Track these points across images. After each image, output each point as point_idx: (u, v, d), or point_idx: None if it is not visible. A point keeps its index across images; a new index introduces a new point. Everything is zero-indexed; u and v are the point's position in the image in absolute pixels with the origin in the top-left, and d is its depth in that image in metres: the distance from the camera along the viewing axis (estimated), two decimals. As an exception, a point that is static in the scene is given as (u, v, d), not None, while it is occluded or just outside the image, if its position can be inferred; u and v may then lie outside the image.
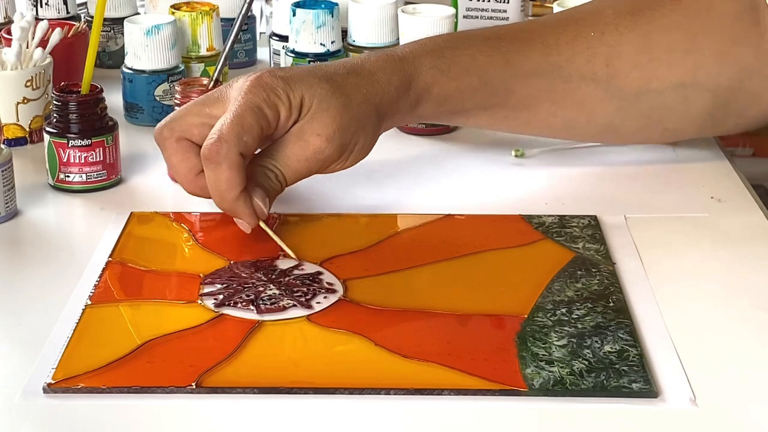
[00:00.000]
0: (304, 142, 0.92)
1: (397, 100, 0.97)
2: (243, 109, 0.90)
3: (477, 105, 1.01)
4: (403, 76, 0.97)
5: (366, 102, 0.94)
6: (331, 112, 0.92)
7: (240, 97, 0.91)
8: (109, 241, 0.94)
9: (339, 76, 0.94)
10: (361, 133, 0.94)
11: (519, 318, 0.83)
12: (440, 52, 0.99)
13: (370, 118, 0.95)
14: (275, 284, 0.87)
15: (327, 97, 0.92)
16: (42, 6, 1.32)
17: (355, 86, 0.94)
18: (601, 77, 1.01)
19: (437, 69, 0.98)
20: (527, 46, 1.01)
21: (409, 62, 0.98)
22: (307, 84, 0.92)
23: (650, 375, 0.77)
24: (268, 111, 0.90)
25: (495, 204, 1.02)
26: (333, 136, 0.92)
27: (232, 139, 0.89)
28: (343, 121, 0.92)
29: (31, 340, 0.81)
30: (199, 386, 0.75)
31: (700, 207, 1.01)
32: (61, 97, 1.02)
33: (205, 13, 1.23)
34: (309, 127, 0.92)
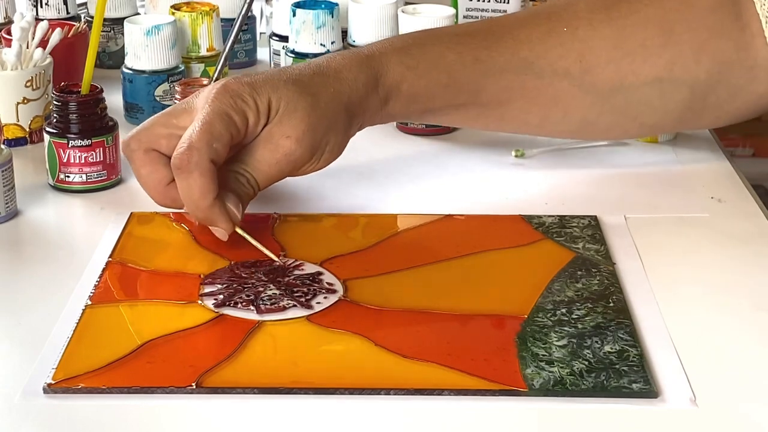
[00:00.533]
0: (274, 145, 0.91)
1: (366, 98, 0.96)
2: (211, 117, 0.89)
3: (448, 103, 1.00)
4: (370, 73, 0.96)
5: (334, 100, 0.93)
6: (299, 113, 0.91)
7: (207, 104, 0.90)
8: (109, 241, 0.94)
9: (305, 77, 0.94)
10: (331, 132, 0.93)
11: (519, 318, 0.83)
12: (407, 50, 0.98)
13: (340, 115, 0.94)
14: (275, 284, 0.87)
15: (294, 98, 0.92)
16: (42, 6, 1.32)
17: (322, 85, 0.94)
18: (574, 73, 1.00)
19: (405, 66, 0.97)
20: (497, 42, 0.99)
21: (376, 59, 0.97)
22: (273, 87, 0.92)
23: (650, 375, 0.77)
24: (236, 117, 0.90)
25: (495, 204, 1.02)
26: (302, 137, 0.91)
27: (202, 147, 0.88)
28: (312, 120, 0.92)
29: (31, 340, 0.81)
30: (199, 386, 0.75)
31: (700, 207, 1.01)
32: (61, 98, 1.02)
33: (205, 14, 1.23)
34: (278, 129, 0.91)
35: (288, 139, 0.91)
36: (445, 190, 1.04)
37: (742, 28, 0.99)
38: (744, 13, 0.99)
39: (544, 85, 1.00)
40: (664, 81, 1.00)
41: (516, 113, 1.02)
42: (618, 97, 1.01)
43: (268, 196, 1.02)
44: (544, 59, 0.99)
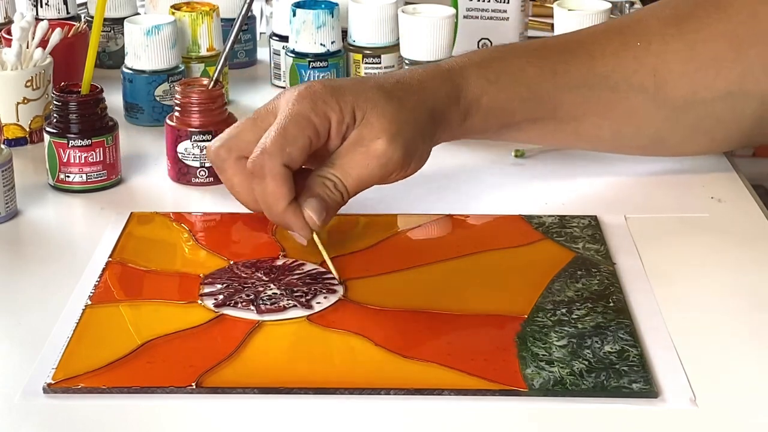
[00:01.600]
0: (365, 148, 0.89)
1: (449, 109, 0.95)
2: (287, 120, 0.88)
3: (526, 117, 0.99)
4: (452, 86, 0.95)
5: (419, 106, 0.92)
6: (388, 115, 0.90)
7: (287, 107, 0.89)
8: (109, 241, 0.94)
9: (388, 84, 0.93)
10: (419, 138, 0.92)
11: (519, 318, 0.83)
12: (488, 63, 0.97)
13: (426, 122, 0.93)
14: (275, 284, 0.87)
15: (380, 101, 0.90)
16: (42, 6, 1.32)
17: (406, 92, 0.93)
18: (648, 87, 1.00)
19: (486, 79, 0.96)
20: (574, 57, 0.99)
21: (457, 72, 0.96)
22: (356, 90, 0.90)
23: (650, 375, 0.77)
24: (316, 119, 0.88)
25: (495, 204, 1.02)
26: (395, 137, 0.90)
27: (275, 151, 0.87)
28: (401, 123, 0.90)
29: (31, 340, 0.81)
30: (199, 386, 0.75)
31: (700, 207, 1.01)
32: (61, 97, 1.02)
33: (205, 13, 1.23)
34: (368, 132, 0.90)
35: (380, 140, 0.89)
36: (445, 190, 1.04)
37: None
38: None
39: (619, 100, 1.00)
40: (735, 95, 1.00)
41: (590, 128, 1.01)
42: (690, 112, 1.00)
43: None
44: (620, 74, 0.99)
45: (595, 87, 0.99)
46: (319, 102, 0.89)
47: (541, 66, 0.98)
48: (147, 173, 1.08)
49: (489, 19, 1.31)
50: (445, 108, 0.94)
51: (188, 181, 1.05)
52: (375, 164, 0.90)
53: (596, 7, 1.16)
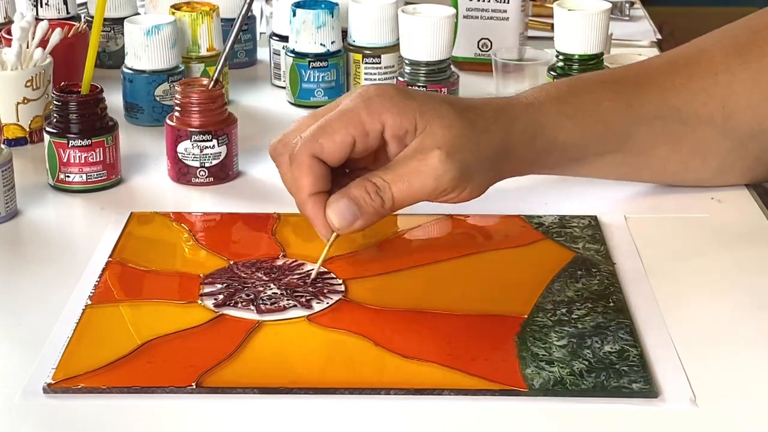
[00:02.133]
0: (422, 156, 0.85)
1: (522, 145, 0.91)
2: (334, 113, 0.86)
3: (596, 151, 0.97)
4: (529, 122, 0.92)
5: (490, 134, 0.89)
6: (453, 130, 0.86)
7: (343, 101, 0.87)
8: (109, 241, 0.94)
9: (460, 105, 0.89)
10: (482, 164, 0.88)
11: (519, 318, 0.83)
12: (564, 98, 0.95)
13: (494, 152, 0.89)
14: (275, 284, 0.87)
15: (449, 114, 0.87)
16: (42, 6, 1.32)
17: (479, 117, 0.89)
18: (717, 119, 0.98)
19: (564, 115, 0.94)
20: (646, 89, 0.98)
21: (536, 108, 0.93)
22: (425, 98, 0.88)
23: (650, 375, 0.77)
24: (366, 118, 0.85)
25: (495, 204, 1.01)
26: (455, 152, 0.85)
27: (307, 140, 0.85)
28: (466, 142, 0.86)
29: (31, 340, 0.81)
30: (199, 386, 0.75)
31: (700, 207, 1.01)
32: (61, 97, 1.02)
33: (205, 13, 1.23)
34: (429, 141, 0.85)
35: (438, 151, 0.85)
36: (445, 190, 1.04)
37: None
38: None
39: (689, 132, 0.98)
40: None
41: (658, 161, 1.00)
42: (755, 142, 0.99)
43: (269, 196, 1.02)
44: (690, 106, 0.98)
45: (668, 119, 0.98)
46: (376, 102, 0.86)
47: (616, 99, 0.96)
48: (147, 173, 1.08)
49: (489, 19, 1.31)
50: (519, 144, 0.91)
51: (188, 181, 1.05)
52: (428, 175, 0.85)
53: (596, 7, 1.16)
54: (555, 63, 1.18)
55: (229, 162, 1.06)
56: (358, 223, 0.86)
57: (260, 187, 1.05)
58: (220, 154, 1.05)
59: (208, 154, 1.04)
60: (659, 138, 0.98)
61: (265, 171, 1.08)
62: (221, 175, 1.05)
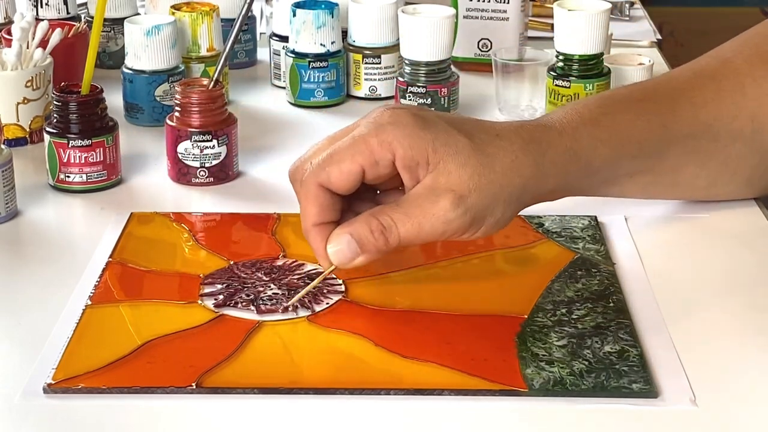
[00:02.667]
0: (435, 197, 0.81)
1: (554, 175, 0.86)
2: (346, 141, 0.82)
3: (627, 172, 0.93)
4: (562, 149, 0.86)
5: (514, 171, 0.83)
6: (469, 169, 0.81)
7: (357, 127, 0.83)
8: (109, 241, 0.94)
9: (484, 135, 0.83)
10: (500, 204, 0.83)
11: (519, 318, 0.83)
12: (597, 120, 0.89)
13: (516, 190, 0.83)
14: (276, 284, 0.87)
15: (465, 151, 0.81)
16: (42, 6, 1.32)
17: (503, 149, 0.83)
18: (746, 134, 0.95)
19: (598, 140, 0.89)
20: (678, 107, 0.94)
21: (569, 135, 0.87)
22: (441, 131, 0.82)
23: (650, 375, 0.77)
24: (376, 147, 0.81)
25: (495, 204, 1.01)
26: (468, 196, 0.81)
27: (314, 168, 0.82)
28: (483, 183, 0.81)
29: (31, 340, 0.81)
30: (199, 386, 0.75)
31: (700, 207, 1.01)
32: (61, 98, 1.02)
33: (205, 14, 1.23)
34: (444, 180, 0.81)
35: (452, 192, 0.81)
36: (445, 190, 1.04)
37: None
38: None
39: (719, 148, 0.95)
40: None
41: (687, 178, 0.97)
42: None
43: (269, 196, 1.02)
44: (720, 121, 0.95)
45: (699, 137, 0.94)
46: (389, 131, 0.81)
47: (650, 120, 0.92)
48: (147, 173, 1.08)
49: (489, 19, 1.31)
50: (550, 174, 0.86)
51: (188, 181, 1.05)
52: (438, 219, 0.81)
53: (596, 8, 1.16)
54: (555, 63, 1.18)
55: (229, 162, 1.06)
56: (359, 260, 0.83)
57: (260, 188, 1.05)
58: (220, 155, 1.05)
59: (208, 154, 1.04)
60: (689, 156, 0.95)
61: (265, 171, 1.08)
62: (221, 175, 1.05)
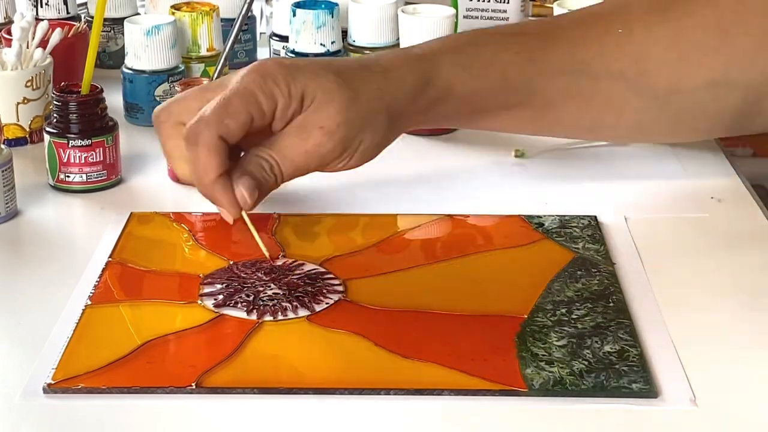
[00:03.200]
0: (306, 134, 0.88)
1: (414, 99, 0.92)
2: (232, 93, 0.87)
3: (500, 104, 0.96)
4: (420, 74, 0.92)
5: (376, 99, 0.90)
6: (336, 104, 0.88)
7: (236, 81, 0.88)
8: (109, 241, 0.94)
9: (349, 70, 0.90)
10: (368, 131, 0.90)
11: (519, 318, 0.83)
12: (462, 49, 0.95)
13: (380, 115, 0.90)
14: (276, 283, 0.87)
15: (332, 89, 0.88)
16: (42, 6, 1.32)
17: (366, 81, 0.90)
18: (630, 76, 0.97)
19: (459, 66, 0.93)
20: (554, 43, 0.97)
21: (428, 59, 0.93)
22: (311, 74, 0.88)
23: (650, 375, 0.77)
24: (262, 97, 0.87)
25: (495, 204, 1.02)
26: (336, 129, 0.88)
27: (212, 121, 0.86)
28: (349, 115, 0.88)
29: (31, 340, 0.81)
30: (199, 386, 0.75)
31: (700, 207, 1.01)
32: (61, 97, 1.02)
33: (205, 14, 1.23)
34: (312, 118, 0.88)
35: (320, 129, 0.88)
36: (445, 190, 1.04)
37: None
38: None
39: (599, 88, 0.97)
40: (720, 84, 0.97)
41: (569, 116, 0.99)
42: (673, 101, 0.98)
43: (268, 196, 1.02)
44: (600, 61, 0.97)
45: (575, 74, 0.97)
46: (269, 81, 0.87)
47: (518, 52, 0.96)
48: (147, 173, 1.08)
49: (489, 19, 1.31)
50: (410, 98, 0.92)
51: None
52: (313, 153, 0.88)
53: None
54: (555, 63, 1.18)
55: (229, 162, 1.06)
56: (260, 199, 0.89)
57: (260, 187, 1.05)
58: (220, 154, 1.05)
59: (208, 154, 1.04)
60: (568, 93, 0.97)
61: (265, 171, 1.08)
62: (221, 175, 1.05)
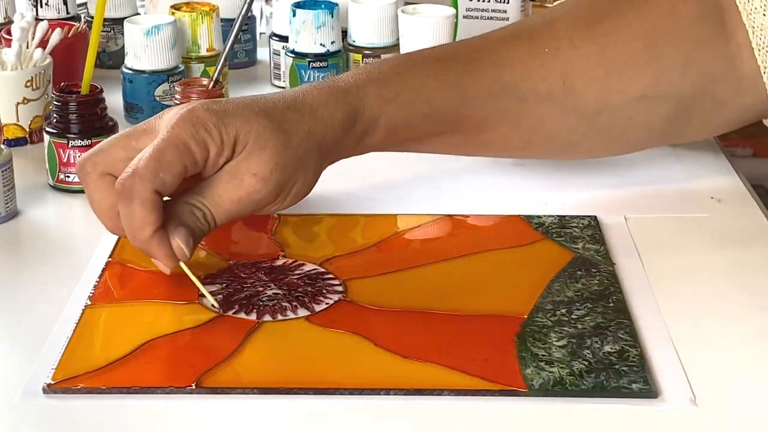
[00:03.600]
0: (238, 181, 0.85)
1: (343, 136, 0.90)
2: (165, 144, 0.83)
3: (428, 132, 0.95)
4: (347, 110, 0.90)
5: (307, 139, 0.88)
6: (269, 150, 0.86)
7: (166, 131, 0.84)
8: (109, 241, 0.94)
9: (278, 111, 0.88)
10: (300, 172, 0.88)
11: (519, 318, 0.83)
12: (386, 80, 0.93)
13: (312, 156, 0.89)
14: (276, 283, 0.87)
15: (265, 134, 0.86)
16: (42, 6, 1.32)
17: (296, 123, 0.88)
18: (557, 95, 0.96)
19: (383, 98, 0.92)
20: (479, 67, 0.95)
21: (353, 94, 0.91)
22: (242, 119, 0.86)
23: (650, 375, 0.77)
24: (195, 148, 0.84)
25: (495, 204, 1.02)
26: (270, 176, 0.86)
27: (147, 175, 0.82)
28: (282, 160, 0.86)
29: (31, 340, 0.81)
30: (199, 386, 0.75)
31: (700, 207, 1.01)
32: (61, 98, 1.02)
33: (205, 14, 1.23)
34: (244, 165, 0.85)
35: (254, 176, 0.85)
36: (445, 190, 1.04)
37: (727, 39, 0.95)
38: (729, 24, 0.95)
39: (527, 109, 0.96)
40: (650, 97, 0.96)
41: (498, 139, 0.98)
42: (602, 117, 0.97)
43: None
44: (526, 82, 0.95)
45: (502, 97, 0.95)
46: (201, 130, 0.84)
47: (444, 78, 0.94)
48: (147, 173, 1.08)
49: (489, 19, 1.30)
50: (338, 135, 0.90)
51: (188, 181, 1.05)
52: (246, 200, 0.86)
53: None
54: (555, 63, 1.18)
55: (229, 162, 1.06)
56: (193, 248, 0.86)
57: (260, 187, 1.05)
58: (220, 154, 1.05)
59: (208, 154, 1.04)
60: (496, 116, 0.96)
61: (265, 171, 1.08)
62: (221, 175, 1.05)
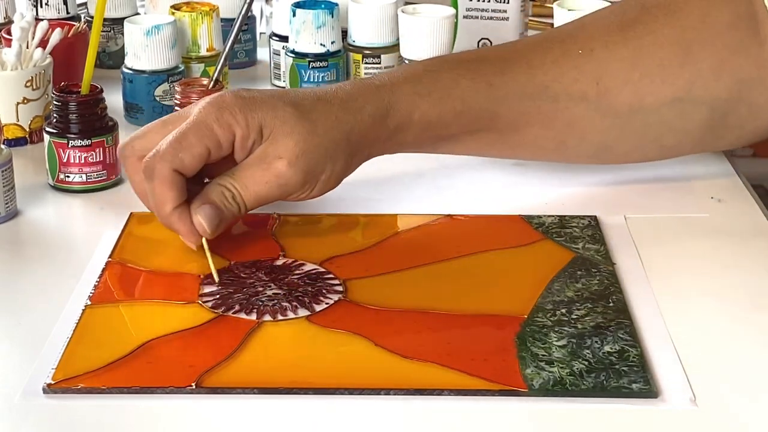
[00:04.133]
0: (266, 165, 0.89)
1: (373, 129, 0.93)
2: (188, 127, 0.88)
3: (462, 130, 0.97)
4: (379, 104, 0.93)
5: (334, 128, 0.91)
6: (295, 136, 0.89)
7: (194, 114, 0.89)
8: (109, 241, 0.94)
9: (307, 102, 0.91)
10: (328, 161, 0.91)
11: (519, 318, 0.83)
12: (419, 78, 0.95)
13: (339, 146, 0.91)
14: (276, 283, 0.87)
15: (290, 120, 0.89)
16: (42, 6, 1.32)
17: (324, 112, 0.91)
18: (590, 96, 0.97)
19: (417, 94, 0.94)
20: (511, 67, 0.97)
21: (386, 89, 0.94)
22: (269, 106, 0.90)
23: (650, 375, 0.77)
24: (218, 130, 0.88)
25: (495, 204, 1.02)
26: (296, 160, 0.89)
27: (167, 155, 0.87)
28: (308, 146, 0.89)
29: (31, 340, 0.81)
30: (199, 386, 0.75)
31: (700, 207, 1.01)
32: (61, 98, 1.02)
33: (205, 14, 1.23)
34: (272, 149, 0.89)
35: (281, 160, 0.89)
36: (445, 190, 1.04)
37: (761, 45, 0.97)
38: (763, 29, 0.97)
39: (560, 110, 0.98)
40: (684, 101, 0.97)
41: (532, 139, 0.99)
42: (637, 119, 0.98)
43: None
44: (559, 83, 0.97)
45: (535, 97, 0.97)
46: (226, 114, 0.88)
47: (476, 78, 0.96)
48: (147, 173, 1.08)
49: (489, 19, 1.31)
50: (368, 128, 0.93)
51: (188, 181, 1.05)
52: (274, 183, 0.89)
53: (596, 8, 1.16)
54: (555, 63, 1.18)
55: (229, 162, 1.06)
56: (221, 227, 0.90)
57: (260, 187, 1.05)
58: (220, 154, 1.05)
59: (208, 154, 1.04)
60: (529, 116, 0.98)
61: (265, 171, 1.08)
62: (221, 175, 1.05)
